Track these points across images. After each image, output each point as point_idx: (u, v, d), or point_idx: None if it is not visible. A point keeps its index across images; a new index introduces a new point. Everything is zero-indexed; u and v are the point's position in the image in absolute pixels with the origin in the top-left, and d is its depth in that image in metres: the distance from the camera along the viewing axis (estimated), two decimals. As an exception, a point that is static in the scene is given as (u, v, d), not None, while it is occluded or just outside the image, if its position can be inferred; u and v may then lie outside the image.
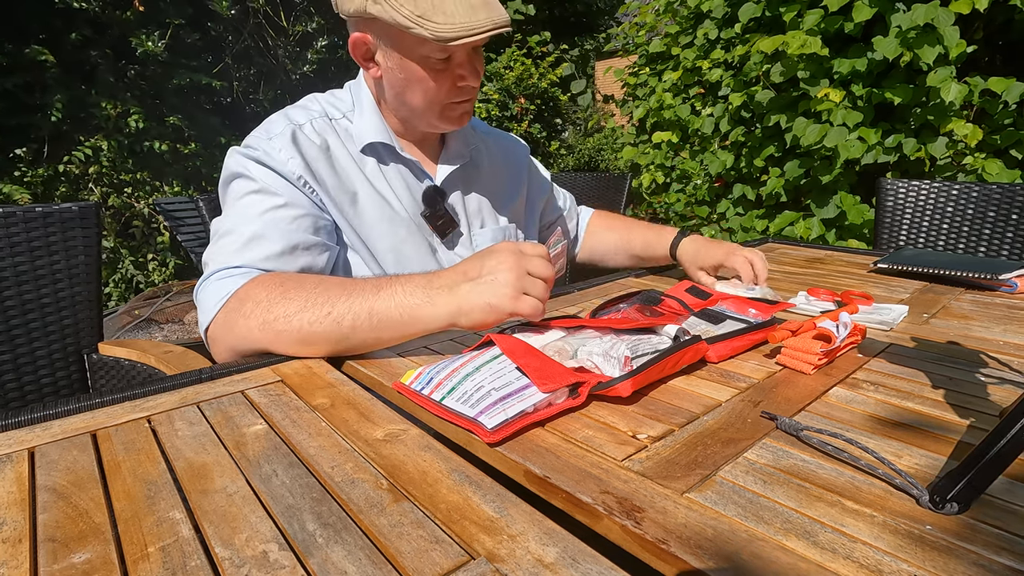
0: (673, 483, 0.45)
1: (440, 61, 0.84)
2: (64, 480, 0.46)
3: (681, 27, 3.43)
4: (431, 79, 0.86)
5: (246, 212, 0.82)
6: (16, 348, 1.04)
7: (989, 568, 0.36)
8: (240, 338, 0.73)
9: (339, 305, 0.69)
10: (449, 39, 0.78)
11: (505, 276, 0.65)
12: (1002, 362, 0.71)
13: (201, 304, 0.78)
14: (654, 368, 0.60)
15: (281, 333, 0.70)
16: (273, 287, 0.73)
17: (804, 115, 2.59)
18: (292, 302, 0.70)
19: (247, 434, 0.53)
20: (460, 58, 0.86)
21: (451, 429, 0.55)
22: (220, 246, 0.80)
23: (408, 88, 0.88)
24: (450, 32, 0.78)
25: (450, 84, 0.87)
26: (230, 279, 0.76)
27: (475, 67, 0.89)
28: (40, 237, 1.05)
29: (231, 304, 0.74)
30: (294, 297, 0.71)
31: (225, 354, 0.76)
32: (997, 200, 1.56)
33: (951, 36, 2.07)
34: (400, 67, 0.86)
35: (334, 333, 0.69)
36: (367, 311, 0.68)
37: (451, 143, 1.03)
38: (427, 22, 0.78)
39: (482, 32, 0.79)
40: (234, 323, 0.73)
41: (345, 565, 0.36)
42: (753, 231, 2.96)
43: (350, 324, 0.68)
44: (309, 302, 0.70)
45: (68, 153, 4.87)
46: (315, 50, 6.33)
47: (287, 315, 0.70)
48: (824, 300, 0.95)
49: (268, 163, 0.84)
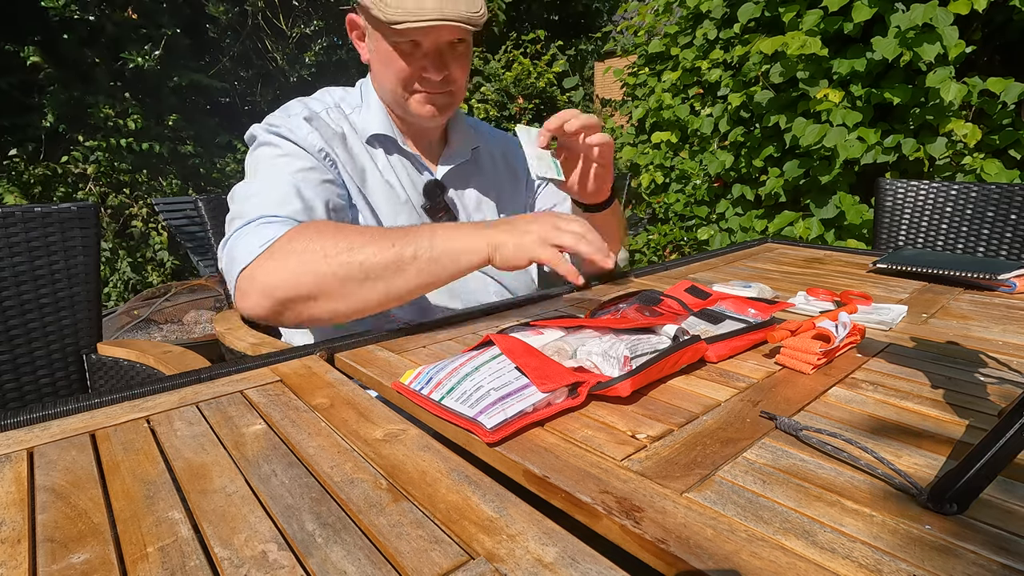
0: (672, 483, 0.45)
1: (408, 45, 0.88)
2: (63, 480, 0.46)
3: (680, 27, 3.43)
4: (396, 62, 0.90)
5: (278, 173, 0.84)
6: (15, 348, 1.04)
7: (988, 568, 0.36)
8: (290, 272, 0.73)
9: (401, 239, 0.73)
10: (394, 22, 0.82)
11: (533, 228, 0.73)
12: (1001, 362, 0.71)
13: (237, 249, 0.77)
14: (653, 368, 0.60)
15: (343, 264, 0.72)
16: (324, 226, 0.76)
17: (803, 115, 2.59)
18: (350, 237, 0.74)
19: (246, 434, 0.53)
20: (427, 48, 0.89)
21: (450, 429, 0.55)
22: (253, 201, 0.81)
23: (382, 69, 0.93)
24: (396, 16, 0.82)
25: (412, 72, 0.90)
26: (271, 225, 0.77)
27: (441, 62, 0.90)
28: (39, 237, 1.05)
29: (280, 243, 0.74)
30: (350, 233, 0.74)
31: (257, 298, 0.75)
32: (996, 200, 1.57)
33: (950, 36, 2.07)
34: (377, 48, 0.91)
35: (395, 263, 0.72)
36: (428, 243, 0.73)
37: (453, 142, 1.04)
38: (383, 4, 0.82)
39: (425, 20, 0.82)
40: (284, 259, 0.73)
41: (344, 565, 0.36)
42: (752, 231, 2.96)
43: (412, 254, 0.73)
44: (368, 237, 0.74)
45: (66, 153, 4.87)
46: (313, 52, 6.33)
47: (351, 247, 0.72)
48: (823, 300, 0.95)
49: (290, 137, 0.88)
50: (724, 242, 3.12)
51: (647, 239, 3.67)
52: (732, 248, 1.50)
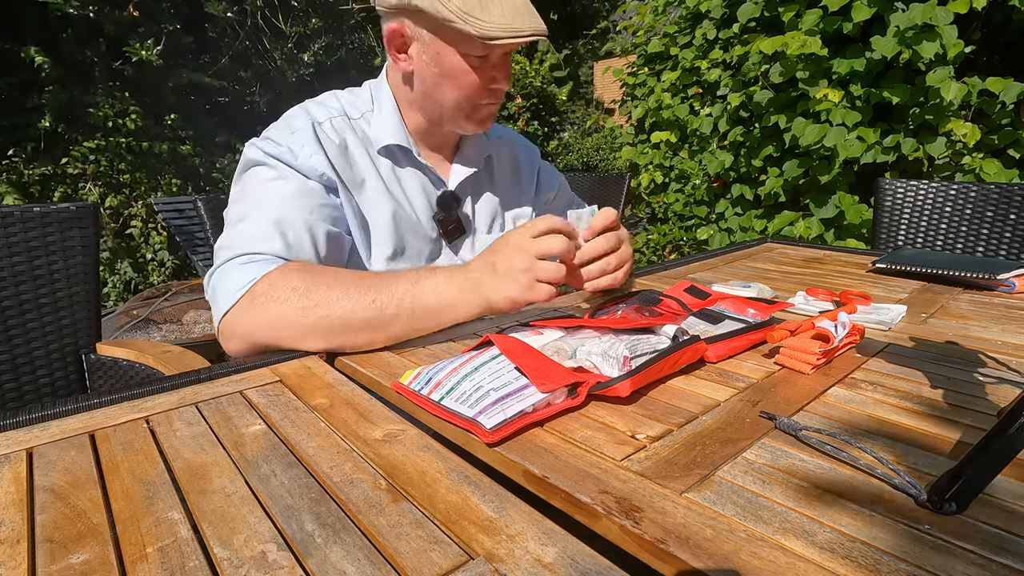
0: (672, 483, 0.45)
1: (476, 60, 0.86)
2: (62, 481, 0.46)
3: (679, 27, 3.43)
4: (468, 76, 0.87)
5: (267, 198, 0.82)
6: (14, 349, 1.04)
7: (987, 568, 0.36)
8: (268, 324, 0.71)
9: (382, 294, 0.71)
10: (492, 37, 0.80)
11: (518, 271, 0.71)
12: (1000, 362, 0.71)
13: (219, 290, 0.75)
14: (653, 368, 0.60)
15: (322, 319, 0.70)
16: (308, 275, 0.73)
17: (803, 115, 2.59)
18: (333, 290, 0.71)
19: (246, 434, 0.53)
20: (495, 59, 0.87)
21: (450, 429, 0.55)
22: (239, 231, 0.79)
23: (441, 84, 0.89)
24: (493, 31, 0.80)
25: (483, 83, 0.88)
26: (254, 264, 0.75)
27: (506, 71, 0.90)
28: (38, 237, 1.05)
29: (259, 289, 0.72)
30: (334, 285, 0.72)
31: (240, 343, 0.74)
32: (995, 200, 1.57)
33: (949, 35, 2.07)
34: (436, 61, 0.87)
35: (376, 320, 0.71)
36: (409, 300, 0.71)
37: (466, 149, 1.02)
38: (472, 19, 0.79)
39: (524, 36, 0.81)
40: (263, 308, 0.71)
41: (344, 565, 0.36)
42: (752, 231, 2.96)
43: (393, 312, 0.71)
44: (350, 290, 0.71)
45: (65, 153, 4.86)
46: (312, 52, 6.33)
47: (328, 301, 0.70)
48: (822, 300, 0.95)
49: (289, 160, 0.85)
50: (723, 242, 3.13)
51: (646, 239, 3.67)
52: (731, 248, 1.50)
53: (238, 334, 0.74)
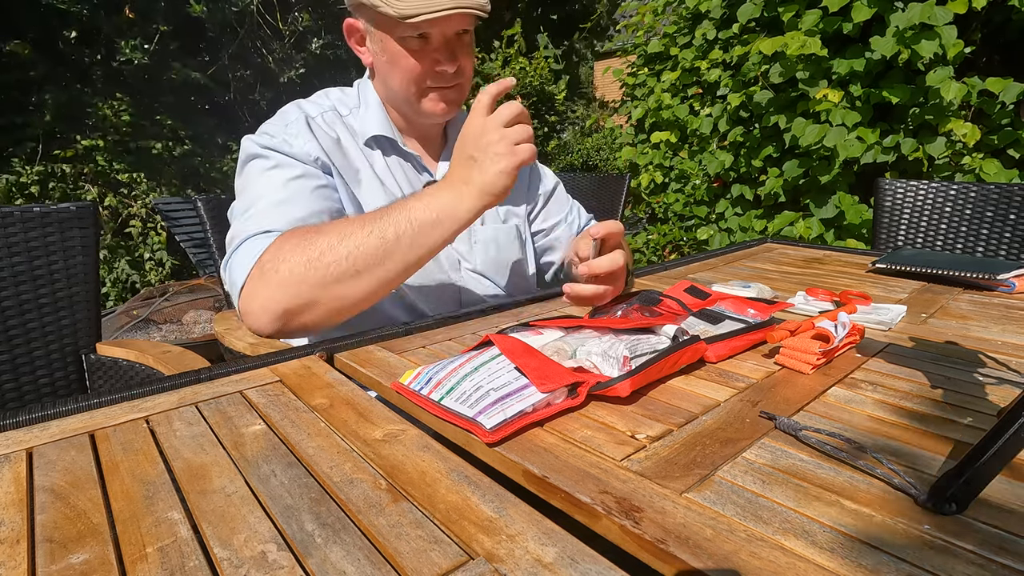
0: (672, 483, 0.45)
1: (416, 42, 0.87)
2: (62, 481, 0.46)
3: (679, 27, 3.43)
4: (407, 60, 0.88)
5: (268, 186, 0.84)
6: (14, 349, 1.04)
7: (987, 568, 0.36)
8: (281, 287, 0.72)
9: (379, 224, 0.72)
10: (407, 16, 0.81)
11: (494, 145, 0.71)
12: (1000, 362, 0.71)
13: (233, 271, 0.77)
14: (653, 368, 0.60)
15: (330, 265, 0.71)
16: (306, 231, 0.75)
17: (803, 115, 2.59)
18: (330, 235, 0.72)
19: (245, 434, 0.53)
20: (436, 41, 0.88)
21: (450, 429, 0.55)
22: (245, 219, 0.81)
23: (390, 72, 0.91)
24: (409, 9, 0.81)
25: (426, 67, 0.89)
26: (261, 239, 0.77)
27: (452, 53, 0.90)
28: (38, 238, 1.05)
29: (266, 256, 0.74)
30: (330, 232, 0.73)
31: (262, 316, 0.74)
32: (995, 200, 1.57)
33: (948, 35, 2.07)
34: (383, 49, 0.90)
35: (381, 249, 0.71)
36: (406, 220, 0.72)
37: (452, 139, 1.04)
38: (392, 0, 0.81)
39: (441, 10, 0.82)
40: (274, 271, 0.72)
41: (344, 565, 0.36)
42: (752, 231, 2.97)
43: (394, 235, 0.71)
44: (347, 230, 0.72)
45: (63, 152, 4.86)
46: (310, 51, 6.32)
47: (331, 246, 0.71)
48: (822, 300, 0.95)
49: (285, 149, 0.87)
50: (723, 242, 3.13)
51: (646, 239, 3.67)
52: (731, 248, 1.50)
53: (257, 307, 0.74)
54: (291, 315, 0.73)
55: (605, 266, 0.81)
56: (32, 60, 4.59)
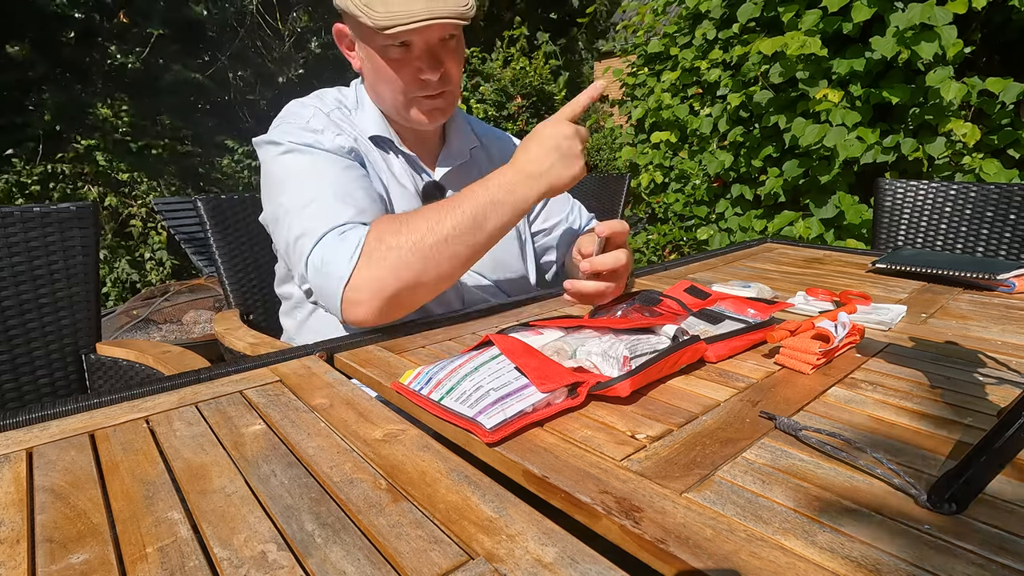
0: (672, 483, 0.45)
1: (398, 50, 0.87)
2: (62, 481, 0.46)
3: (679, 27, 3.43)
4: (391, 69, 0.88)
5: (320, 179, 0.85)
6: (14, 349, 1.04)
7: (987, 568, 0.36)
8: (392, 271, 0.75)
9: (465, 203, 0.78)
10: (384, 27, 0.81)
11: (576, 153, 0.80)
12: (1000, 362, 0.71)
13: (330, 266, 0.78)
14: (653, 368, 0.60)
15: (434, 245, 0.76)
16: (399, 219, 0.79)
17: (803, 115, 2.59)
18: (426, 219, 0.77)
19: (245, 434, 0.53)
20: (418, 50, 0.87)
21: (450, 429, 0.55)
22: (309, 215, 0.82)
23: (376, 79, 0.92)
24: (384, 21, 0.81)
25: (409, 76, 0.89)
26: (351, 231, 0.79)
27: (436, 60, 0.88)
28: (38, 238, 1.05)
29: (369, 246, 0.76)
30: (425, 216, 0.78)
31: (372, 302, 0.77)
32: (995, 200, 1.57)
33: (948, 35, 2.07)
34: (368, 57, 0.90)
35: (474, 224, 0.77)
36: (488, 198, 0.78)
37: (451, 141, 1.04)
38: (370, 11, 0.81)
39: (416, 21, 0.81)
40: (383, 259, 0.75)
41: (344, 565, 0.36)
42: (752, 231, 2.97)
43: (483, 213, 0.77)
44: (440, 213, 0.77)
45: (63, 152, 4.86)
46: (310, 50, 6.32)
47: (431, 229, 0.76)
48: (822, 300, 0.95)
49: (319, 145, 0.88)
50: (723, 242, 3.13)
51: (646, 239, 3.67)
52: (731, 248, 1.50)
53: (366, 295, 0.76)
54: (398, 299, 0.78)
55: (608, 263, 0.82)
56: (31, 61, 4.59)
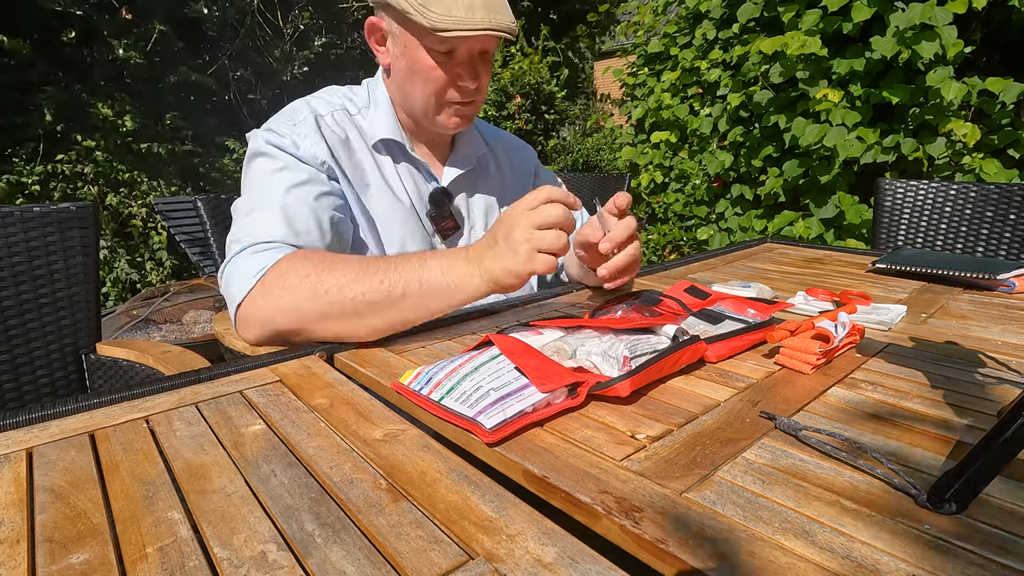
0: (672, 483, 0.45)
1: (441, 55, 0.86)
2: (62, 480, 0.46)
3: (679, 27, 3.43)
4: (430, 71, 0.87)
5: (272, 189, 0.83)
6: (14, 349, 1.04)
7: (987, 568, 0.36)
8: (282, 310, 0.73)
9: (390, 275, 0.71)
10: (441, 29, 0.80)
11: (518, 243, 0.68)
12: (1000, 362, 0.71)
13: (232, 280, 0.77)
14: (653, 368, 0.60)
15: (334, 303, 0.71)
16: (318, 261, 0.74)
17: (803, 115, 2.59)
18: (343, 274, 0.72)
19: (245, 434, 0.53)
20: (461, 57, 0.87)
21: (450, 429, 0.55)
22: (247, 222, 0.81)
23: (410, 78, 0.90)
24: (443, 23, 0.80)
25: (448, 81, 0.88)
26: (264, 253, 0.77)
27: (475, 70, 0.89)
28: (38, 237, 1.05)
29: (270, 277, 0.74)
30: (343, 270, 0.72)
31: (257, 330, 0.75)
32: (995, 200, 1.57)
33: (948, 35, 2.07)
34: (404, 55, 0.88)
35: (386, 302, 0.71)
36: (417, 280, 0.71)
37: (460, 147, 1.03)
38: (426, 10, 0.80)
39: (476, 30, 0.81)
40: (277, 296, 0.73)
41: (344, 565, 0.36)
42: (752, 231, 2.97)
43: (401, 292, 0.71)
44: (361, 274, 0.72)
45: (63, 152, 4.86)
46: (311, 50, 6.32)
47: (339, 286, 0.71)
48: (822, 300, 0.95)
49: (292, 150, 0.86)
50: (723, 242, 3.13)
51: (646, 239, 3.67)
52: (731, 248, 1.50)
53: (256, 321, 0.75)
54: (287, 335, 0.75)
55: (622, 233, 0.79)
56: (32, 60, 4.59)
